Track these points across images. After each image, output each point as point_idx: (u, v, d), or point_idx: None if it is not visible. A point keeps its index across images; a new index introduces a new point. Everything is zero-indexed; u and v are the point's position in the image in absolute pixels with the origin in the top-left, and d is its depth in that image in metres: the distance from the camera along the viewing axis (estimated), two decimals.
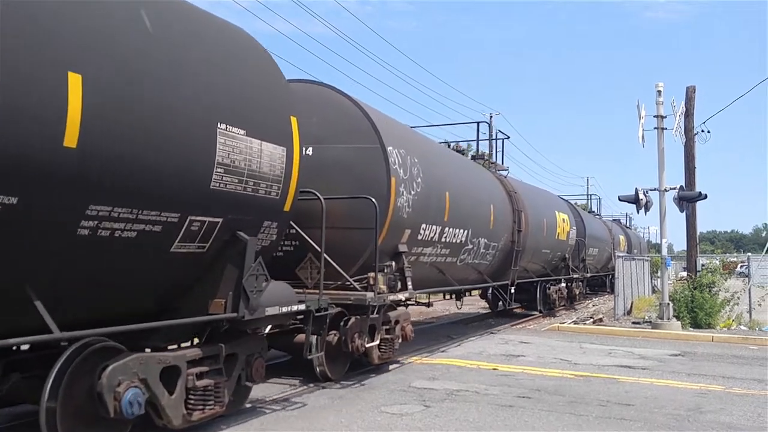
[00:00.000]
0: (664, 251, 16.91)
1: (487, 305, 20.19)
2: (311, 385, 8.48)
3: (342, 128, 9.04)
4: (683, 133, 17.52)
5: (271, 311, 6.31)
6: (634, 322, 17.07)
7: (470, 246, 12.47)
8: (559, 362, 10.83)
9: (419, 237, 10.09)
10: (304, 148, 8.23)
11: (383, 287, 8.83)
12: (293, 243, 8.65)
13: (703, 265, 19.90)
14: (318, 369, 8.50)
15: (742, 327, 16.42)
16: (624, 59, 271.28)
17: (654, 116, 16.26)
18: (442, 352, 11.77)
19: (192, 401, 5.73)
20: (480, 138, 19.87)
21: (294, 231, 8.14)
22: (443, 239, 11.04)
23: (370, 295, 8.55)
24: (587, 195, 37.58)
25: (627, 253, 31.86)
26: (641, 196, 16.36)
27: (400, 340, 9.79)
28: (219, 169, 5.44)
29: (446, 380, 9.03)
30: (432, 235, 10.53)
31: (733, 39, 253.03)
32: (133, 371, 5.10)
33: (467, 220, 12.03)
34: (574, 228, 21.22)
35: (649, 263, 27.10)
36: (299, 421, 6.74)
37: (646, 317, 17.71)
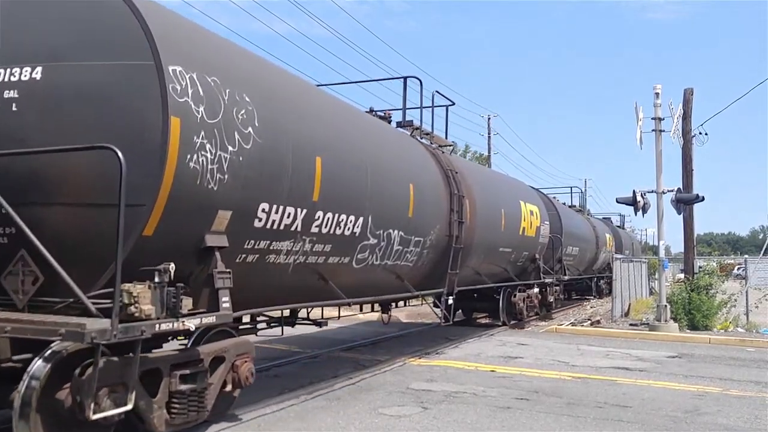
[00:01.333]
0: (662, 253, 16.95)
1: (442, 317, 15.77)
2: None
3: (93, 35, 5.40)
4: (681, 135, 17.56)
5: None
6: (631, 324, 17.08)
7: (373, 241, 8.63)
8: (556, 364, 10.84)
9: (257, 224, 6.39)
10: (30, 69, 5.26)
11: (148, 308, 4.95)
12: (6, 231, 5.24)
13: (700, 267, 19.88)
14: None
15: (739, 329, 16.44)
16: (622, 60, 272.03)
17: (652, 118, 16.32)
18: (440, 353, 11.77)
19: None
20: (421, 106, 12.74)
21: (4, 211, 4.95)
22: (314, 229, 7.26)
23: (98, 325, 4.65)
24: (570, 189, 31.44)
25: (615, 253, 29.58)
26: (639, 198, 16.41)
27: (230, 387, 6.38)
28: None
29: (444, 382, 9.03)
30: (288, 222, 6.79)
31: (732, 40, 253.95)
32: None
33: (362, 202, 8.20)
34: (547, 223, 17.67)
35: (646, 265, 27.11)
36: (296, 422, 6.73)
37: (644, 319, 17.73)
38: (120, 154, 4.73)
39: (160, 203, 5.23)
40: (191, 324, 5.42)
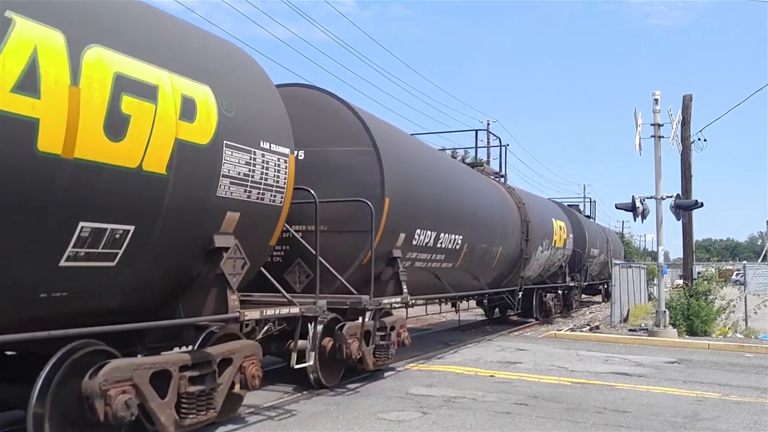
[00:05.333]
0: (661, 259, 16.95)
1: None
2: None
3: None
4: (680, 141, 17.61)
5: None
6: (630, 330, 17.09)
7: None
8: (556, 369, 10.84)
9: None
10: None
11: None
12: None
13: (699, 273, 19.91)
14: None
15: (738, 335, 16.45)
16: (623, 66, 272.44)
17: (651, 124, 16.37)
18: (439, 358, 11.77)
19: None
20: None
21: None
22: None
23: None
24: (475, 133, 19.87)
25: (571, 251, 21.06)
26: (638, 204, 16.43)
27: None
28: None
29: (444, 387, 9.03)
30: None
31: (732, 46, 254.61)
32: None
33: None
34: (286, 156, 7.07)
35: (645, 271, 27.13)
36: (296, 427, 6.73)
37: (643, 325, 17.74)
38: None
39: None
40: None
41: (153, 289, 5.92)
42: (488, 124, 41.48)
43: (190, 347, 6.18)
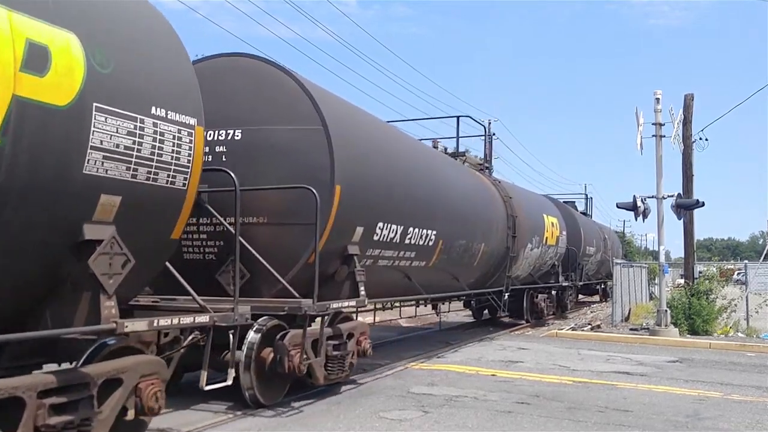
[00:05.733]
0: (662, 258, 16.93)
1: None
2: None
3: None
4: (681, 140, 17.59)
5: None
6: (632, 329, 17.08)
7: None
8: (557, 368, 10.83)
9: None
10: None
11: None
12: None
13: (700, 272, 19.88)
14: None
15: (740, 334, 16.44)
16: (624, 65, 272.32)
17: (652, 124, 16.36)
18: (441, 357, 11.76)
19: None
20: None
21: None
22: None
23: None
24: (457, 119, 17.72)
25: (564, 249, 20.07)
26: (639, 203, 16.42)
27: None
28: None
29: (445, 386, 9.02)
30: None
31: (734, 46, 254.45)
32: None
33: None
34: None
35: (646, 270, 27.08)
36: (297, 427, 6.73)
37: (644, 324, 17.72)
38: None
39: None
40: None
41: (4, 294, 4.45)
42: (489, 123, 41.44)
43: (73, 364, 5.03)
